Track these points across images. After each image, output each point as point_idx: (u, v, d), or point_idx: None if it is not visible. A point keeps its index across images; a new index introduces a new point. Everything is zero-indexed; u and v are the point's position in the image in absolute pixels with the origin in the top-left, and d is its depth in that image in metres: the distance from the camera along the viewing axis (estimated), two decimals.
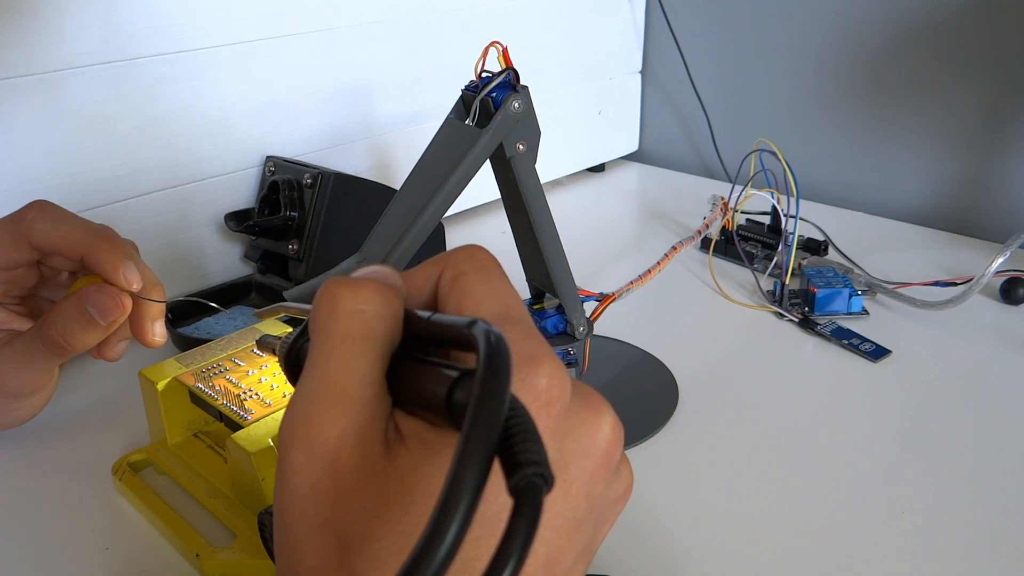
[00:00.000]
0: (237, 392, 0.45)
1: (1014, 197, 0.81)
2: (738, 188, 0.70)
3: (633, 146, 1.05)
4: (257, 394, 0.45)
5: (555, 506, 0.24)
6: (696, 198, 0.90)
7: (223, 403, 0.44)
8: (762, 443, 0.50)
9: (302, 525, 0.23)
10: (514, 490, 0.19)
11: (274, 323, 0.53)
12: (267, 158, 0.68)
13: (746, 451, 0.50)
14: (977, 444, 0.50)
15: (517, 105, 0.44)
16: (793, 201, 0.65)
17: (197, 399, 0.46)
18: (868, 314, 0.65)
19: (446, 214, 0.46)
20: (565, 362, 0.51)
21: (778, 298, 0.66)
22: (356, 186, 0.65)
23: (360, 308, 0.24)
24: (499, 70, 0.45)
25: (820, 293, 0.63)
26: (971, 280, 0.61)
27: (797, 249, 0.70)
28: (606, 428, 0.26)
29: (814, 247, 0.73)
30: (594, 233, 0.84)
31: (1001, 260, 0.60)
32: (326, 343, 0.24)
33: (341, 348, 0.24)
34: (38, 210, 0.43)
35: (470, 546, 0.23)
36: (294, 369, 0.27)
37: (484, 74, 0.45)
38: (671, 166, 1.04)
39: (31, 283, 0.46)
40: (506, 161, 0.46)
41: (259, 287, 0.68)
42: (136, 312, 0.46)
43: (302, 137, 0.71)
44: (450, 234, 0.75)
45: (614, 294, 0.54)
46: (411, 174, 0.46)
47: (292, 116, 0.70)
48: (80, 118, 0.58)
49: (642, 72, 1.03)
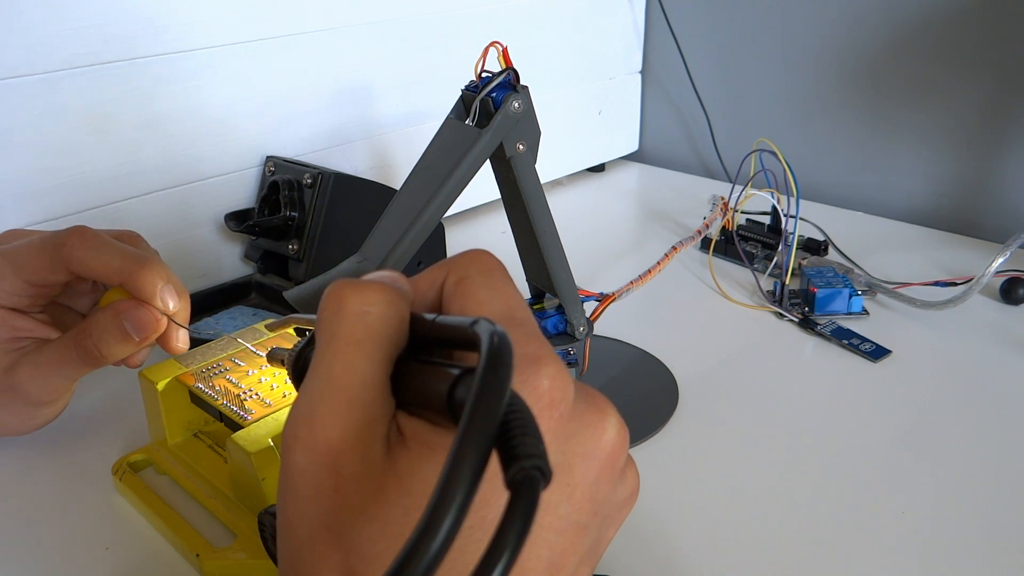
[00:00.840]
0: (237, 392, 0.45)
1: (1014, 197, 0.81)
2: (738, 188, 0.70)
3: (633, 146, 1.05)
4: (257, 394, 0.45)
5: (559, 509, 0.24)
6: (696, 198, 0.90)
7: (223, 403, 0.44)
8: (762, 443, 0.50)
9: (304, 526, 0.23)
10: (511, 483, 0.18)
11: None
12: (267, 158, 0.68)
13: (746, 451, 0.50)
14: (977, 444, 0.50)
15: (517, 105, 0.44)
16: (793, 201, 0.65)
17: (197, 399, 0.46)
18: (868, 314, 0.65)
19: (446, 214, 0.46)
20: (565, 362, 0.51)
21: (778, 298, 0.66)
22: (356, 186, 0.65)
23: (365, 310, 0.24)
24: (499, 70, 0.45)
25: (820, 293, 0.63)
26: (971, 280, 0.61)
27: (797, 249, 0.70)
28: (611, 430, 0.26)
29: (814, 247, 0.73)
30: (594, 233, 0.84)
31: (1001, 260, 0.60)
32: (331, 344, 0.24)
33: (345, 349, 0.24)
34: (79, 238, 0.44)
35: (470, 545, 0.23)
36: (301, 377, 0.27)
37: (484, 74, 0.45)
38: (671, 166, 1.04)
39: (57, 293, 0.47)
40: (506, 161, 0.46)
41: (259, 287, 0.68)
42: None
43: (302, 137, 0.71)
44: (450, 234, 0.75)
45: (614, 294, 0.54)
46: (411, 174, 0.46)
47: (292, 116, 0.70)
48: (80, 118, 0.58)
49: (642, 72, 1.03)
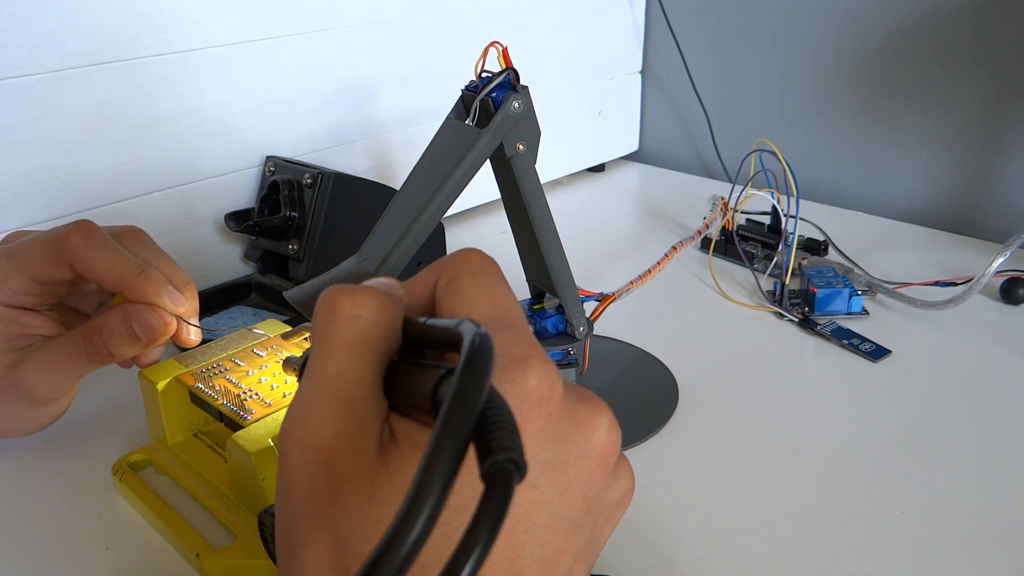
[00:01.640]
0: (237, 392, 0.45)
1: (1014, 197, 0.81)
2: (738, 188, 0.70)
3: (633, 146, 1.05)
4: (257, 394, 0.45)
5: (552, 507, 0.24)
6: (696, 198, 0.90)
7: (223, 403, 0.44)
8: (762, 443, 0.50)
9: (299, 526, 0.24)
10: (485, 475, 0.19)
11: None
12: (267, 158, 0.68)
13: (746, 451, 0.50)
14: (977, 444, 0.50)
15: (517, 105, 0.44)
16: (793, 201, 0.65)
17: (197, 399, 0.46)
18: (868, 314, 0.65)
19: (446, 214, 0.46)
20: (565, 362, 0.51)
21: (778, 298, 0.66)
22: (356, 186, 0.65)
23: (357, 314, 0.24)
24: (499, 70, 0.45)
25: (820, 293, 0.63)
26: (971, 280, 0.61)
27: (797, 249, 0.70)
28: (602, 428, 0.26)
29: (814, 247, 0.73)
30: (594, 233, 0.84)
31: (1001, 260, 0.60)
32: (324, 347, 0.24)
33: (338, 352, 0.24)
34: (83, 235, 0.43)
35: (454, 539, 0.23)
36: None
37: (484, 74, 0.45)
38: (671, 166, 1.04)
39: (63, 293, 0.47)
40: (506, 161, 0.46)
41: (259, 287, 0.68)
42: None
43: (302, 137, 0.71)
44: (450, 234, 0.75)
45: (614, 294, 0.54)
46: (411, 174, 0.46)
47: (292, 116, 0.70)
48: (80, 118, 0.58)
49: (642, 72, 1.03)
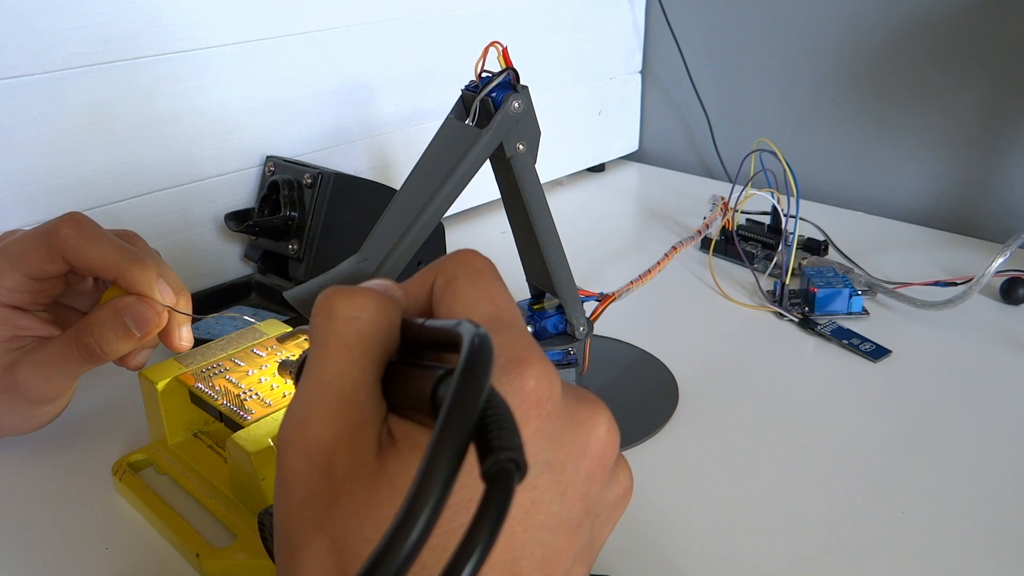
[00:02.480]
0: (237, 392, 0.45)
1: (1014, 197, 0.81)
2: (738, 188, 0.70)
3: (633, 146, 1.05)
4: (257, 394, 0.45)
5: (551, 507, 0.24)
6: (696, 198, 0.90)
7: (223, 403, 0.44)
8: (762, 443, 0.50)
9: (299, 528, 0.24)
10: (486, 475, 0.19)
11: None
12: (267, 158, 0.68)
13: (746, 451, 0.50)
14: (977, 444, 0.50)
15: (517, 105, 0.44)
16: (793, 201, 0.65)
17: (197, 399, 0.46)
18: (868, 314, 0.65)
19: (446, 214, 0.46)
20: (565, 362, 0.51)
21: (778, 298, 0.66)
22: (356, 186, 0.65)
23: (355, 315, 0.24)
24: (499, 70, 0.45)
25: (820, 293, 0.63)
26: (971, 280, 0.61)
27: (797, 249, 0.70)
28: (601, 428, 0.26)
29: (814, 247, 0.73)
30: (594, 233, 0.84)
31: (1001, 260, 0.60)
32: (322, 349, 0.24)
33: (336, 354, 0.24)
34: (73, 226, 0.43)
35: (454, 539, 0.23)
36: None
37: (484, 74, 0.45)
38: (671, 166, 1.04)
39: (58, 291, 0.47)
40: (506, 161, 0.46)
41: (259, 287, 0.68)
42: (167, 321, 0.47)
43: (302, 137, 0.71)
44: (450, 234, 0.75)
45: (614, 294, 0.54)
46: (411, 174, 0.46)
47: (292, 116, 0.70)
48: (80, 118, 0.58)
49: (642, 72, 1.03)
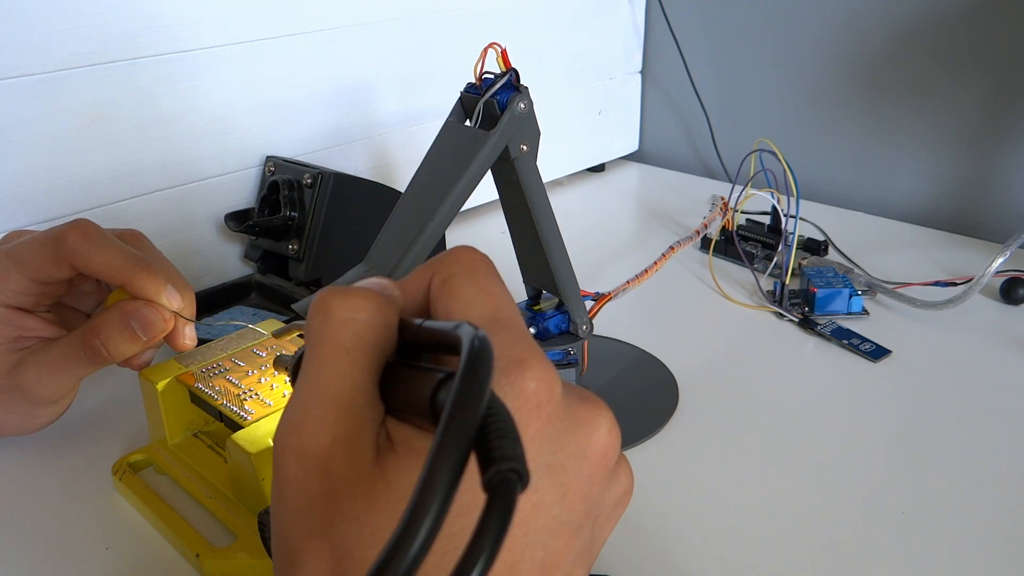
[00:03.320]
0: (237, 392, 0.45)
1: (1014, 197, 0.81)
2: (738, 188, 0.70)
3: (633, 146, 1.05)
4: (257, 394, 0.45)
5: (552, 509, 0.24)
6: (696, 198, 0.90)
7: (223, 403, 0.44)
8: (762, 443, 0.50)
9: (296, 534, 0.23)
10: (487, 485, 0.19)
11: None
12: (267, 158, 0.68)
13: (746, 451, 0.50)
14: (977, 444, 0.50)
15: (523, 106, 0.44)
16: (793, 201, 0.65)
17: (197, 399, 0.46)
18: (868, 314, 0.65)
19: None
20: (565, 362, 0.51)
21: (778, 298, 0.66)
22: (356, 186, 0.65)
23: (352, 317, 0.24)
24: (500, 71, 0.44)
25: (820, 293, 0.63)
26: (971, 280, 0.61)
27: (797, 249, 0.70)
28: (602, 429, 0.26)
29: (814, 247, 0.73)
30: (594, 233, 0.84)
31: (1001, 260, 0.60)
32: (318, 351, 0.24)
33: (333, 356, 0.24)
34: (81, 233, 0.43)
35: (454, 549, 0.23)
36: None
37: (486, 76, 0.45)
38: (671, 166, 1.04)
39: (62, 293, 0.47)
40: (508, 163, 0.45)
41: (259, 287, 0.68)
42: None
43: (302, 137, 0.71)
44: (450, 234, 0.75)
45: (610, 293, 0.55)
46: (414, 179, 0.46)
47: (292, 116, 0.70)
48: (80, 118, 0.58)
49: (642, 72, 1.03)
